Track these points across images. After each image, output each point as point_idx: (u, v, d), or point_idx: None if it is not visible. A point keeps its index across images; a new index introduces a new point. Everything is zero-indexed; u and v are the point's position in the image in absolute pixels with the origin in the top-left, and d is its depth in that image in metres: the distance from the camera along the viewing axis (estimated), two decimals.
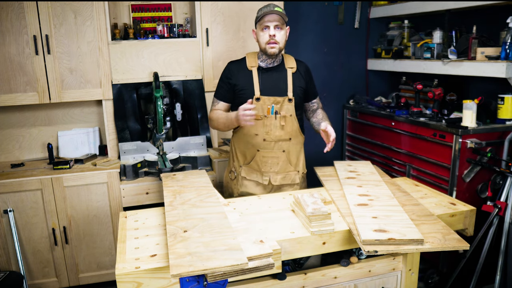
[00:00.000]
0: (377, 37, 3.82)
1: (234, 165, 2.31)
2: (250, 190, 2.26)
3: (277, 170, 2.22)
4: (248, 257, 1.31)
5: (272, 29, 2.08)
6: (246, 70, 2.19)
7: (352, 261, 1.81)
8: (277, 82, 2.19)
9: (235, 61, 2.28)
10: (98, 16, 2.69)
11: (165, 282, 1.40)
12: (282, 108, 2.16)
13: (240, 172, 2.27)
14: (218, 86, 2.27)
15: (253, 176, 2.25)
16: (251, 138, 2.19)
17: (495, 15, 2.82)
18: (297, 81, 2.21)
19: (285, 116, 2.16)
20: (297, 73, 2.22)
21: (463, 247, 1.48)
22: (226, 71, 2.25)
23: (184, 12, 3.10)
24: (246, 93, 2.16)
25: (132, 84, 2.87)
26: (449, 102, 2.84)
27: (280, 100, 2.15)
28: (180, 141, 2.91)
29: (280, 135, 2.17)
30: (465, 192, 2.64)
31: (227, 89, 2.22)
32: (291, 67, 2.21)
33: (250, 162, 2.24)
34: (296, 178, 2.27)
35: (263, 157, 2.20)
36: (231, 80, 2.21)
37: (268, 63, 2.21)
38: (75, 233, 2.68)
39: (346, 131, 3.84)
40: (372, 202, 1.81)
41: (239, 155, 2.28)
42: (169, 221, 1.58)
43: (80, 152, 3.02)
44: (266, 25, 2.08)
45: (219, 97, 2.25)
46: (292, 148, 2.23)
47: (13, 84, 2.64)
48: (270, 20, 2.07)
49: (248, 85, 2.17)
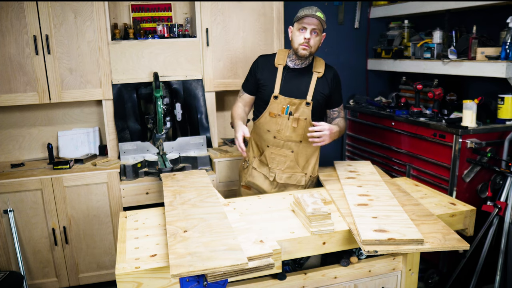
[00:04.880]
0: (377, 37, 3.83)
1: (249, 155, 2.35)
2: (257, 182, 2.29)
3: (284, 168, 2.24)
4: (248, 257, 1.31)
5: (308, 33, 2.07)
6: (273, 67, 2.20)
7: (352, 261, 1.81)
8: (299, 84, 2.17)
9: (265, 56, 2.29)
10: (98, 16, 2.69)
11: (165, 282, 1.40)
12: (298, 111, 2.15)
13: (252, 162, 2.31)
14: (246, 77, 2.31)
15: (262, 169, 2.28)
16: (264, 133, 2.23)
17: (495, 15, 2.82)
18: (320, 86, 2.18)
19: (299, 119, 2.16)
20: (322, 78, 2.19)
21: (463, 247, 1.48)
22: (254, 64, 2.27)
23: (184, 12, 3.10)
24: (266, 89, 2.19)
25: (132, 84, 2.87)
26: (449, 102, 2.84)
27: (296, 102, 2.15)
28: (180, 141, 2.91)
29: (291, 136, 2.18)
30: (465, 192, 2.64)
31: (252, 82, 2.26)
32: (318, 71, 2.19)
33: (261, 156, 2.29)
34: (302, 180, 2.26)
35: (271, 153, 2.23)
36: (256, 74, 2.23)
37: (296, 64, 2.19)
38: (75, 233, 2.68)
39: (346, 131, 3.83)
40: (372, 202, 1.81)
41: (254, 147, 2.34)
42: (169, 221, 1.58)
43: (80, 152, 3.02)
44: (304, 26, 2.06)
45: (245, 88, 2.30)
46: (302, 150, 2.23)
47: (13, 84, 2.64)
48: (309, 23, 2.06)
49: (270, 81, 2.18)
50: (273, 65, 2.20)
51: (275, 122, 2.18)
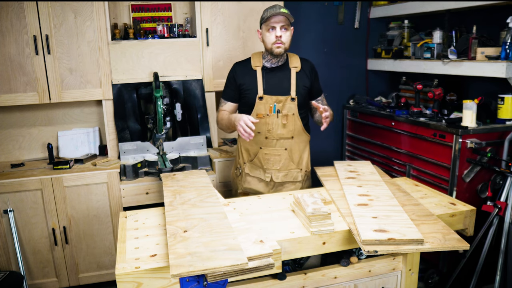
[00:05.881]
0: (377, 37, 3.82)
1: (239, 162, 2.37)
2: (253, 186, 2.31)
3: (279, 167, 2.25)
4: (248, 257, 1.31)
5: (279, 30, 2.11)
6: (251, 70, 2.23)
7: (352, 261, 1.81)
8: (281, 81, 2.22)
9: (240, 62, 2.32)
10: (98, 16, 2.69)
11: (165, 282, 1.40)
12: (285, 107, 2.19)
13: (244, 169, 2.32)
14: (224, 87, 2.32)
15: (256, 172, 2.29)
16: (254, 135, 2.21)
17: (495, 15, 2.82)
18: (300, 80, 2.23)
19: (287, 115, 2.19)
20: (301, 72, 2.25)
21: (463, 247, 1.48)
22: (231, 72, 2.29)
23: (184, 12, 3.10)
24: (251, 93, 2.21)
25: (132, 84, 2.87)
26: (449, 102, 2.84)
27: (283, 99, 2.18)
28: (180, 141, 2.91)
29: (282, 133, 2.21)
30: (465, 192, 2.64)
31: (233, 89, 2.27)
32: (295, 66, 2.24)
33: (254, 159, 2.29)
34: (298, 175, 2.29)
35: (265, 154, 2.24)
36: (236, 80, 2.25)
37: (272, 63, 2.24)
38: (75, 233, 2.68)
39: (346, 131, 3.83)
40: (372, 202, 1.81)
41: (244, 152, 2.33)
42: (169, 221, 1.58)
43: (80, 152, 3.02)
44: (272, 26, 2.11)
45: (226, 97, 2.30)
46: (294, 146, 2.26)
47: (13, 84, 2.64)
48: (277, 21, 2.10)
49: (252, 84, 2.21)
50: (251, 68, 2.23)
51: (264, 122, 2.20)
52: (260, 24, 2.18)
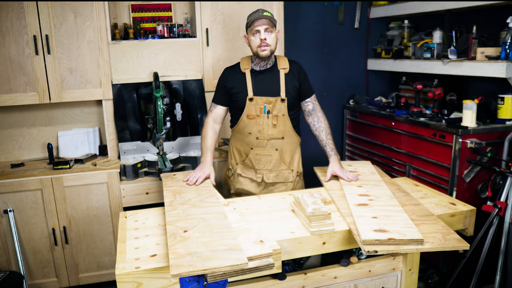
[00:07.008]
0: (377, 37, 3.82)
1: (232, 162, 2.39)
2: (245, 187, 2.33)
3: (270, 168, 2.28)
4: (248, 257, 1.31)
5: (263, 33, 2.14)
6: (240, 73, 2.26)
7: (352, 261, 1.81)
8: (270, 83, 2.24)
9: (230, 67, 2.36)
10: (98, 16, 2.69)
11: (165, 282, 1.40)
12: (275, 108, 2.22)
13: (236, 170, 2.35)
14: (215, 91, 2.35)
15: (247, 173, 2.32)
16: (245, 136, 2.27)
17: (495, 15, 2.82)
18: (290, 81, 2.25)
19: (277, 116, 2.22)
20: (290, 74, 2.27)
21: (463, 247, 1.48)
22: (222, 77, 2.33)
23: (184, 12, 3.10)
24: (241, 95, 2.24)
25: (132, 84, 2.87)
26: (449, 102, 2.84)
27: (273, 100, 2.21)
28: (180, 141, 2.91)
29: (273, 133, 2.23)
30: (465, 192, 2.64)
31: (222, 93, 2.30)
32: (284, 68, 2.27)
33: (245, 160, 2.31)
34: (289, 176, 2.31)
35: (256, 155, 2.26)
36: (226, 84, 2.28)
37: (261, 66, 2.26)
38: (75, 233, 2.68)
39: (346, 131, 3.84)
40: (372, 202, 1.81)
41: (236, 153, 2.36)
42: (169, 221, 1.58)
43: (80, 152, 3.02)
44: (256, 29, 2.14)
45: (217, 101, 2.33)
46: (285, 147, 2.28)
47: (13, 84, 2.64)
48: (260, 25, 2.13)
49: (242, 87, 2.24)
50: (240, 72, 2.27)
51: (255, 122, 2.22)
52: (246, 30, 2.21)
